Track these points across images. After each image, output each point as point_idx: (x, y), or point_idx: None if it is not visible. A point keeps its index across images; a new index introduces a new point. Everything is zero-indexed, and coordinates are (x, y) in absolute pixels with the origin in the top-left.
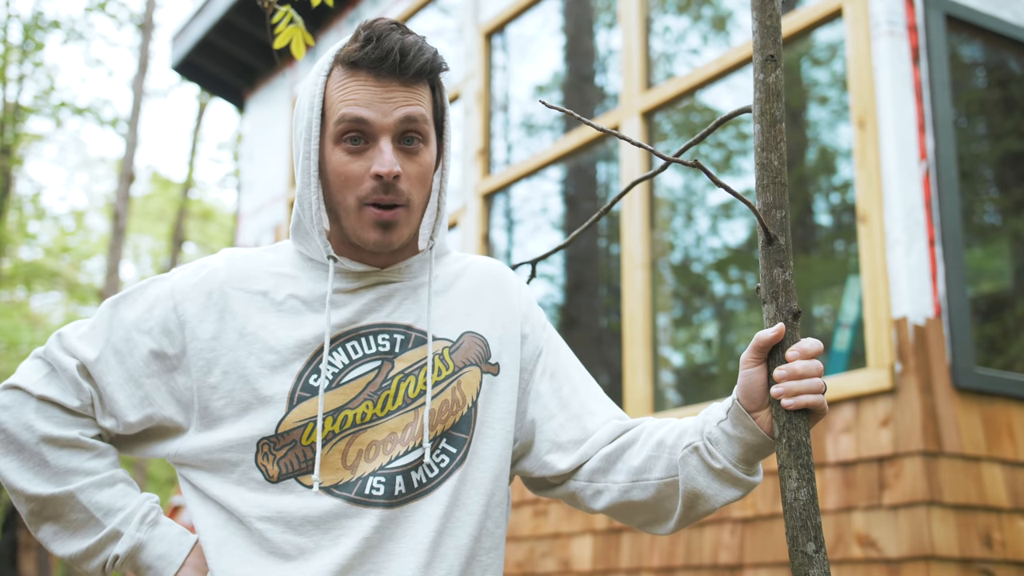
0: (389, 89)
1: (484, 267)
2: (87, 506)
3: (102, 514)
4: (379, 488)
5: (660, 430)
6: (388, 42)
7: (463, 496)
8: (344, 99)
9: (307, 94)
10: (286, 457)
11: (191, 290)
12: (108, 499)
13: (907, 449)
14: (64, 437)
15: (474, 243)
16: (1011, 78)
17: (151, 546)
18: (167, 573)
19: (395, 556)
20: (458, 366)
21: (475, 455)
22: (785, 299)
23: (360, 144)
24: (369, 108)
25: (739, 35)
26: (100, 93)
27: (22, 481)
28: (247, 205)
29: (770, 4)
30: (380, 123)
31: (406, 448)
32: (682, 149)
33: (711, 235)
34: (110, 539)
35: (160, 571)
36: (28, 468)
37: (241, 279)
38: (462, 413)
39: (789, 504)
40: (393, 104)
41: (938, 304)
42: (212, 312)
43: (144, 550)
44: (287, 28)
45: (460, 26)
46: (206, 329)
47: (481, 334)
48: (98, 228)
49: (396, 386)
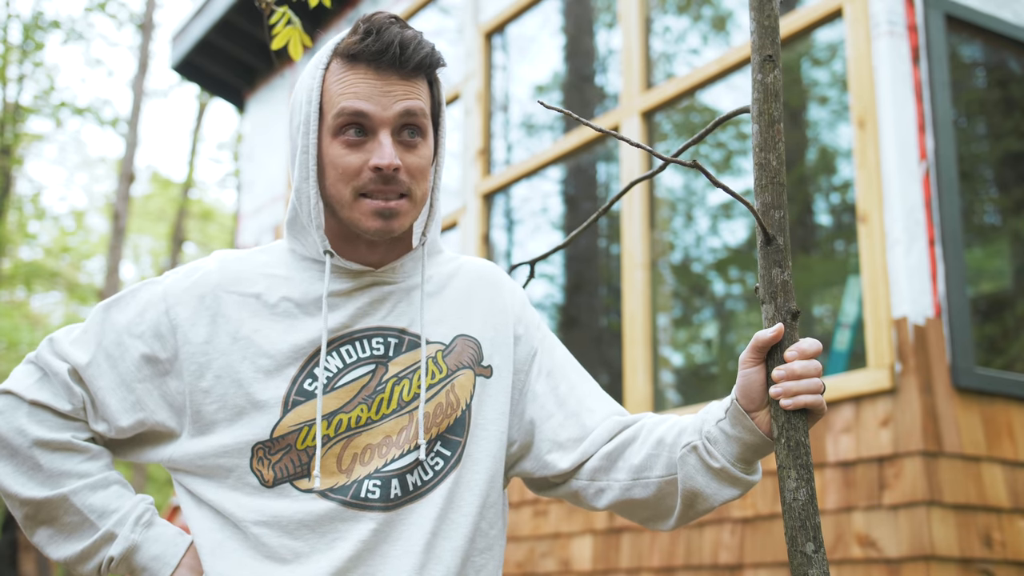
0: (388, 82)
1: (477, 268)
2: (81, 509)
3: (96, 516)
4: (375, 491)
5: (659, 427)
6: (388, 35)
7: (458, 498)
8: (343, 92)
9: (304, 88)
10: (281, 462)
11: (183, 294)
12: (102, 501)
13: (907, 449)
14: (56, 440)
15: (474, 243)
16: (1011, 78)
17: (146, 547)
18: (162, 574)
19: (390, 559)
20: (451, 369)
21: (469, 457)
22: (784, 299)
23: (359, 137)
24: (369, 101)
25: (739, 35)
26: (100, 93)
27: (16, 485)
28: (247, 205)
29: (768, 4)
30: (380, 116)
31: (401, 451)
32: (681, 149)
33: (711, 235)
34: (105, 541)
35: (155, 572)
36: (22, 472)
37: (234, 282)
38: (456, 416)
39: (788, 504)
40: (392, 97)
41: (938, 304)
42: (204, 316)
43: (139, 551)
44: (285, 29)
45: (460, 26)
46: (198, 333)
47: (474, 337)
48: (98, 228)
49: (390, 390)
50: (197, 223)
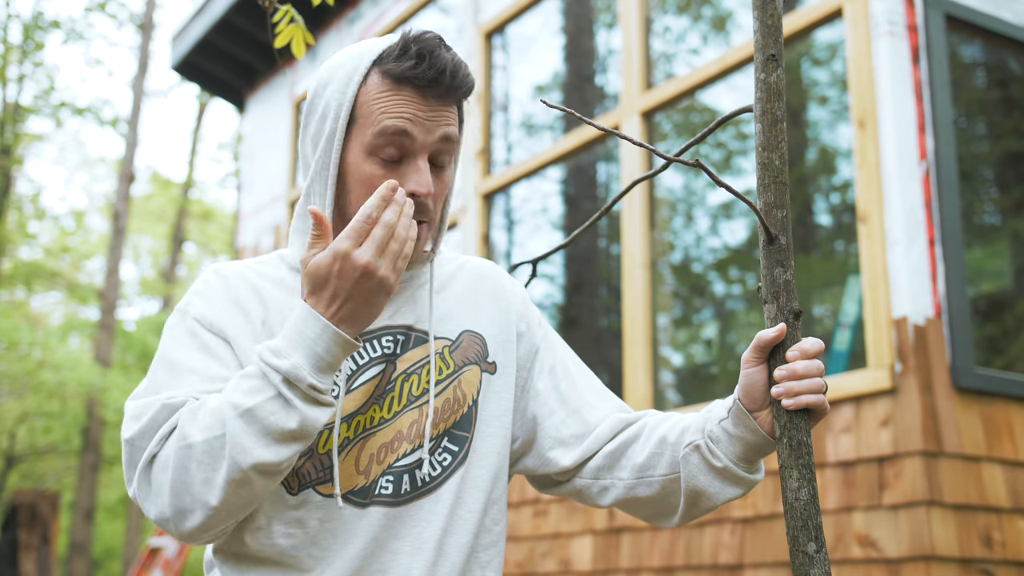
0: (431, 107)
1: (477, 267)
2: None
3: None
4: (388, 487)
5: (662, 426)
6: (440, 62)
7: (465, 494)
8: (387, 111)
9: (333, 99)
10: (304, 467)
11: (210, 306)
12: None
13: (907, 449)
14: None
15: (474, 243)
16: (1011, 78)
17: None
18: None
19: (401, 555)
20: (458, 365)
21: (475, 453)
22: (786, 299)
23: (395, 155)
24: (414, 124)
25: (739, 35)
26: (100, 93)
27: (258, 449)
28: (247, 205)
29: (771, 4)
30: (422, 140)
31: (412, 446)
32: (683, 148)
33: (711, 235)
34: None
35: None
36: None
37: (252, 289)
38: (463, 412)
39: (790, 504)
40: (435, 123)
41: (938, 304)
42: (239, 315)
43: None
44: (288, 27)
45: (460, 26)
46: (234, 324)
47: (479, 333)
48: (98, 228)
49: (400, 387)
50: (197, 223)
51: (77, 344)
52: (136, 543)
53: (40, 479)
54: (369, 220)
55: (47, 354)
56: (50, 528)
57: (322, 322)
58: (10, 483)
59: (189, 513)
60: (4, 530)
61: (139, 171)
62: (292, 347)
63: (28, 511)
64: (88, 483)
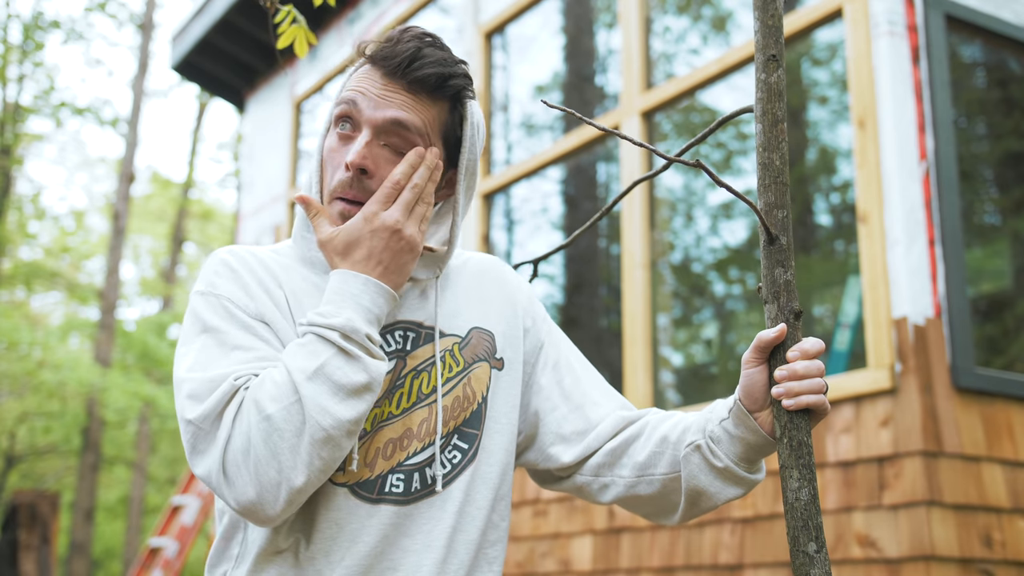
0: (393, 90)
1: (482, 263)
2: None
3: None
4: (399, 485)
5: (664, 425)
6: (404, 46)
7: (474, 491)
8: (349, 85)
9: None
10: None
11: (239, 287)
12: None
13: (907, 449)
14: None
15: (474, 243)
16: (1011, 78)
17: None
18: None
19: (411, 553)
20: (468, 362)
21: (484, 450)
22: (787, 299)
23: (348, 130)
24: (365, 97)
25: (739, 35)
26: (100, 93)
27: (336, 406)
28: (247, 205)
29: (772, 4)
30: (368, 115)
31: (423, 444)
32: (684, 149)
33: (711, 235)
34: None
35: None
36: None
37: (268, 271)
38: (472, 409)
39: (790, 504)
40: (387, 103)
41: (938, 304)
42: (265, 295)
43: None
44: (290, 27)
45: (460, 26)
46: (263, 302)
47: (488, 329)
48: (98, 228)
49: (409, 383)
50: (197, 223)
51: (77, 344)
52: (136, 543)
53: (40, 479)
54: (397, 185)
55: (47, 354)
56: (50, 528)
57: (361, 277)
58: (10, 483)
59: (276, 487)
60: (4, 530)
61: (139, 171)
62: (339, 306)
63: (28, 511)
64: (88, 483)
